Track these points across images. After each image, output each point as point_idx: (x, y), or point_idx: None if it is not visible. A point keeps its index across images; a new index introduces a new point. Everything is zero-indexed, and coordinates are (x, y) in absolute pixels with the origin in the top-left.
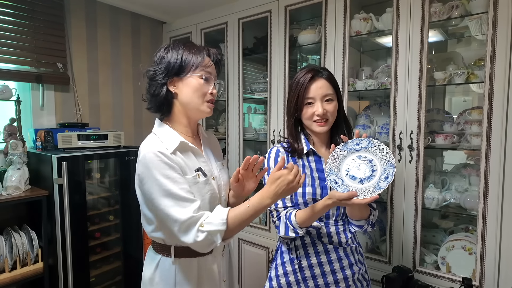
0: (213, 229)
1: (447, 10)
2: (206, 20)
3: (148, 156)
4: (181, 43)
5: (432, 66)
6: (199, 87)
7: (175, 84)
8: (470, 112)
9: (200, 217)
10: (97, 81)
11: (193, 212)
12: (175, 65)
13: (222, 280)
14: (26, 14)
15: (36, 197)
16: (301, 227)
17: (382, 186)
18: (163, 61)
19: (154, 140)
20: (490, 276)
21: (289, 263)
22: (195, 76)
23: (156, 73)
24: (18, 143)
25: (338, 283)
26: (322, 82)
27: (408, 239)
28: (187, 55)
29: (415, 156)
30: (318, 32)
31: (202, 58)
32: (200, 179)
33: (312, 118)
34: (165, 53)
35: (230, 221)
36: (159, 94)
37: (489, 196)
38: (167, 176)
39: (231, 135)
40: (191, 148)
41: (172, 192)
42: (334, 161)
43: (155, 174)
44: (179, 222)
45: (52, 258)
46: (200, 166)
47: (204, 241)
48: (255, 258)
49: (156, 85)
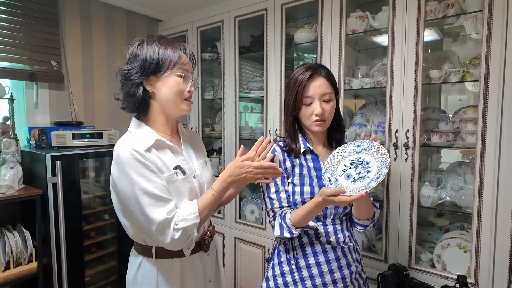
0: (188, 224)
1: (442, 9)
2: (202, 18)
3: (122, 155)
4: (156, 39)
5: (428, 64)
6: (177, 86)
7: (151, 83)
8: (465, 111)
9: (174, 215)
10: (92, 79)
11: (167, 214)
12: (152, 64)
13: (207, 280)
14: (20, 11)
15: (30, 196)
16: (296, 227)
17: (372, 185)
18: (138, 59)
19: (128, 139)
20: (485, 274)
21: (286, 263)
22: (173, 74)
23: (131, 72)
24: (11, 141)
25: (336, 283)
26: (321, 80)
27: (403, 237)
28: (164, 52)
29: (411, 155)
30: (314, 30)
31: (179, 55)
32: (178, 177)
33: (310, 118)
34: (139, 49)
35: (202, 213)
36: (135, 95)
37: (484, 194)
38: (142, 175)
39: (228, 134)
40: (168, 146)
41: (148, 191)
42: (333, 160)
43: (129, 173)
44: (155, 223)
45: (46, 258)
46: (179, 164)
47: (181, 237)
48: (252, 256)
49: (131, 84)
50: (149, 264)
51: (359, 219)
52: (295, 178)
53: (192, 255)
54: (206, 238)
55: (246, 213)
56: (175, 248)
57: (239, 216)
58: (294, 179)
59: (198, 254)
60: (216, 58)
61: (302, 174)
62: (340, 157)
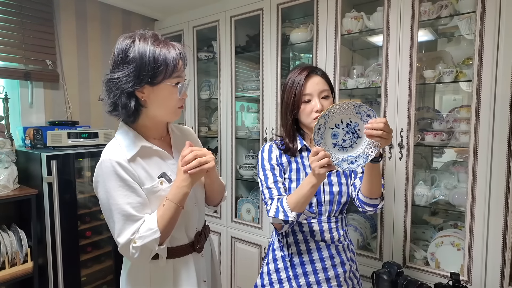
0: (146, 241)
1: (436, 10)
2: (198, 17)
3: (103, 165)
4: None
5: (422, 64)
6: (171, 97)
7: (144, 91)
8: (458, 110)
9: (135, 236)
10: (87, 78)
11: (130, 235)
12: (149, 71)
13: (202, 280)
14: (14, 10)
15: (25, 196)
16: (292, 211)
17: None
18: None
19: (113, 147)
20: (477, 271)
21: (281, 260)
22: (168, 84)
23: (122, 80)
24: (6, 141)
25: (330, 281)
26: (318, 78)
27: (398, 236)
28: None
29: (405, 154)
30: (310, 30)
31: (176, 62)
32: (162, 186)
33: (310, 115)
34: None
35: (161, 225)
36: (127, 107)
37: (477, 193)
38: (118, 190)
39: (224, 134)
40: (156, 152)
41: (120, 207)
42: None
43: (107, 185)
44: (119, 243)
45: (42, 258)
46: (165, 171)
47: (142, 255)
48: (248, 255)
49: (121, 93)
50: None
51: (368, 197)
52: (292, 173)
53: (186, 256)
54: (200, 239)
55: (243, 212)
56: (142, 263)
57: (236, 215)
58: (290, 174)
59: (191, 255)
60: (212, 58)
61: (298, 170)
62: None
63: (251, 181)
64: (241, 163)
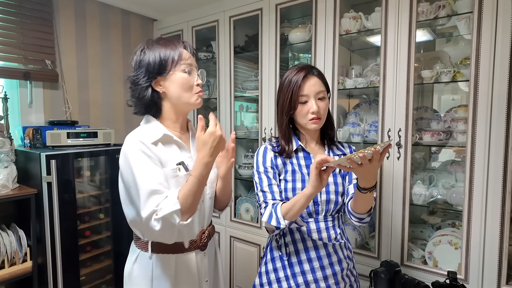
0: (166, 212)
1: (434, 10)
2: (197, 17)
3: (128, 145)
4: (155, 41)
5: (420, 64)
6: (185, 81)
7: (160, 83)
8: (456, 110)
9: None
10: (86, 78)
11: (155, 206)
12: (155, 65)
13: (203, 279)
14: (13, 10)
15: (24, 195)
16: (284, 218)
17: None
18: (142, 64)
19: (137, 131)
20: (474, 270)
21: (279, 259)
22: (177, 71)
23: (138, 77)
24: (5, 141)
25: (327, 279)
26: (315, 79)
27: (396, 235)
28: (165, 52)
29: (403, 153)
30: (309, 30)
31: (180, 52)
32: (180, 172)
33: (306, 116)
34: (142, 55)
35: (182, 198)
36: (145, 97)
37: (474, 192)
38: (141, 167)
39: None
40: (175, 141)
41: (145, 182)
42: None
43: (132, 163)
44: (143, 215)
45: (41, 257)
46: (183, 160)
47: (163, 228)
48: (247, 255)
49: (140, 89)
50: (145, 258)
51: (355, 212)
52: (287, 174)
53: (188, 253)
54: (204, 237)
55: (241, 212)
56: (167, 240)
57: (235, 215)
58: (286, 175)
59: (194, 252)
60: (211, 58)
61: (294, 171)
62: None
63: (250, 180)
64: (240, 162)
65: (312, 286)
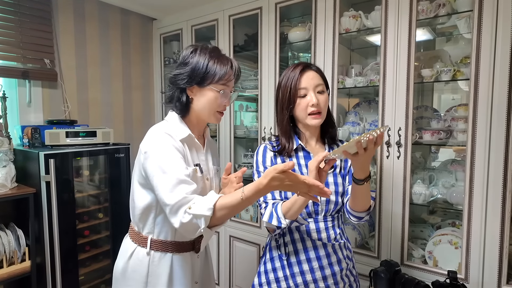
0: (198, 212)
1: (434, 8)
2: (197, 16)
3: (157, 135)
4: (208, 50)
5: (420, 63)
6: (214, 101)
7: (193, 91)
8: (456, 109)
9: (191, 199)
10: (85, 77)
11: (186, 193)
12: (199, 74)
13: (194, 281)
14: (12, 9)
15: (23, 194)
16: (285, 218)
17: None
18: (188, 66)
19: (165, 125)
20: (475, 270)
21: (278, 259)
22: (214, 89)
23: (179, 77)
24: (4, 140)
25: (326, 279)
26: (313, 73)
27: (396, 234)
28: (212, 65)
29: (403, 152)
30: (308, 29)
31: (225, 71)
32: (197, 174)
33: (306, 110)
34: (191, 57)
35: (218, 208)
36: (180, 100)
37: (474, 191)
38: (171, 157)
39: (222, 133)
40: (196, 144)
41: (175, 171)
42: None
43: (160, 152)
44: (173, 200)
45: (40, 257)
46: (199, 163)
47: (189, 223)
48: (246, 254)
49: (176, 89)
50: (142, 254)
51: (354, 210)
52: None
53: (184, 253)
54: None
55: (241, 211)
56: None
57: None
58: None
59: (189, 253)
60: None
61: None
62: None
63: (250, 180)
64: (240, 162)
65: (311, 286)
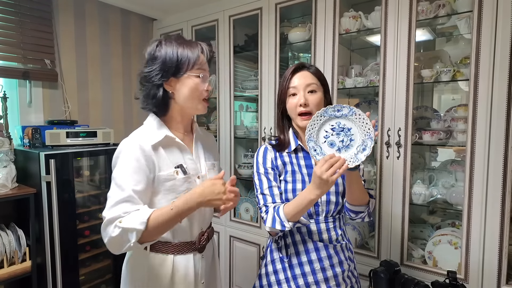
0: (129, 226)
1: (434, 9)
2: (197, 17)
3: (126, 144)
4: (173, 39)
5: (419, 64)
6: (196, 87)
7: (171, 84)
8: (456, 109)
9: (124, 216)
10: (86, 78)
11: (123, 213)
12: (171, 66)
13: (200, 281)
14: (13, 10)
15: (24, 195)
16: (288, 220)
17: (360, 157)
18: (157, 60)
19: (139, 132)
20: (474, 270)
21: (279, 261)
22: (192, 76)
23: (151, 74)
24: (4, 140)
25: (328, 281)
26: (305, 73)
27: (396, 234)
28: (182, 53)
29: (403, 153)
30: (308, 30)
31: (197, 55)
32: (178, 176)
33: (295, 110)
34: (158, 50)
35: (151, 223)
36: (156, 97)
37: (474, 192)
38: (129, 169)
39: (222, 133)
40: (177, 143)
41: (124, 185)
42: (314, 126)
43: (122, 161)
44: (106, 218)
45: (40, 257)
46: (182, 163)
47: (117, 237)
48: (246, 255)
49: (151, 86)
50: (143, 255)
51: (352, 204)
52: (287, 175)
53: (186, 254)
54: (203, 239)
55: (241, 212)
56: (112, 250)
57: (234, 215)
58: (286, 176)
59: (191, 254)
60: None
61: (294, 171)
62: (320, 122)
63: (250, 180)
64: (240, 162)
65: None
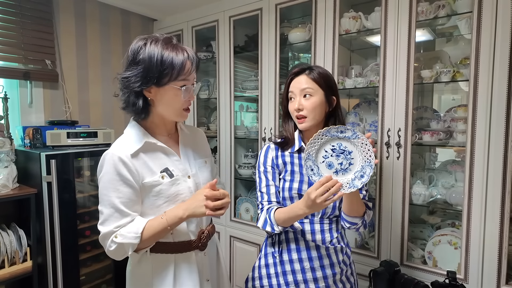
0: (125, 242)
1: (433, 10)
2: (197, 17)
3: (106, 158)
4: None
5: (419, 64)
6: (176, 99)
7: (151, 91)
8: (456, 110)
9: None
10: (86, 78)
11: (114, 228)
12: (155, 72)
13: (205, 279)
14: (14, 10)
15: (24, 195)
16: (278, 225)
17: (356, 184)
18: (138, 66)
19: (119, 142)
20: (474, 270)
21: (271, 256)
22: (174, 86)
23: (131, 79)
24: (5, 140)
25: (317, 281)
26: (303, 78)
27: (396, 235)
28: (166, 60)
29: (403, 153)
30: (308, 30)
31: (182, 64)
32: (164, 180)
33: (293, 113)
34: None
35: (145, 234)
36: (136, 105)
37: (474, 192)
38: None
39: (223, 133)
40: (160, 148)
41: (110, 199)
42: (314, 145)
43: (104, 176)
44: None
45: (41, 257)
46: (167, 167)
47: (116, 251)
48: (246, 254)
49: (130, 92)
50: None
51: (347, 215)
52: (287, 174)
53: (188, 252)
54: (203, 237)
55: (241, 212)
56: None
57: (234, 215)
58: (285, 175)
59: (193, 252)
60: (211, 58)
61: (293, 171)
62: (321, 141)
63: (250, 180)
64: (240, 162)
65: (302, 286)
